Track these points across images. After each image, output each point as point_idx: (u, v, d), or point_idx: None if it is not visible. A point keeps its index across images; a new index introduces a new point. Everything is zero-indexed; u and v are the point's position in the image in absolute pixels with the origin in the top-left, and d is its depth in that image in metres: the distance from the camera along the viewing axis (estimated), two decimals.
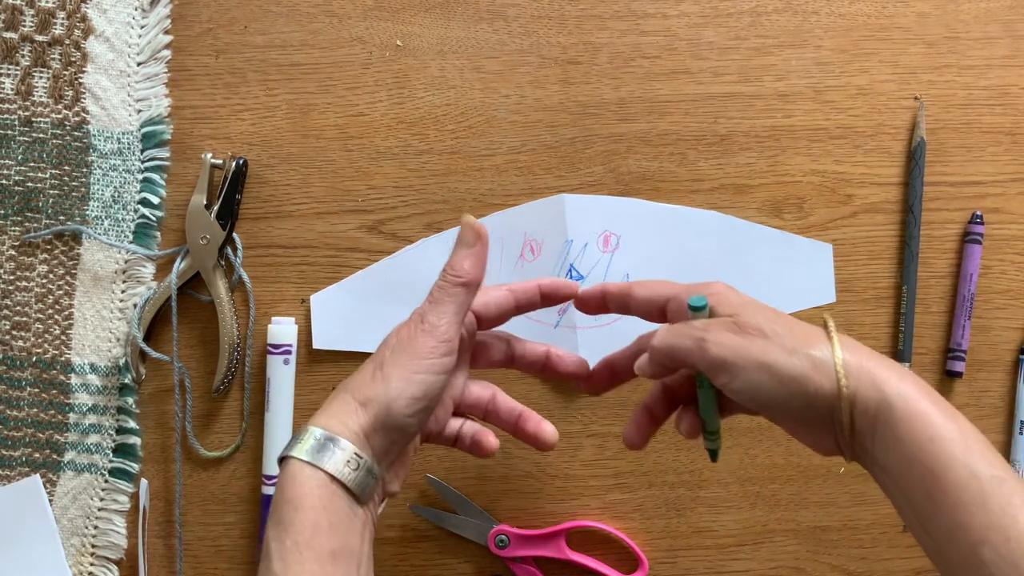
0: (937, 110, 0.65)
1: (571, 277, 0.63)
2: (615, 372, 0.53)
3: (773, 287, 0.64)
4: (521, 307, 0.52)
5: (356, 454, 0.45)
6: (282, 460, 0.46)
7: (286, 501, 0.44)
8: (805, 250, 0.64)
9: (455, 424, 0.52)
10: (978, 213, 0.64)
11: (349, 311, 0.63)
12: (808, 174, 0.65)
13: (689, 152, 0.64)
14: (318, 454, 0.44)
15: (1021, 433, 0.64)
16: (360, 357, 0.64)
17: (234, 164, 0.62)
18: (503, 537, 0.63)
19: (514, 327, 0.63)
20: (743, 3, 0.65)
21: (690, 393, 0.50)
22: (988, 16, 0.65)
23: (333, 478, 0.44)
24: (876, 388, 0.42)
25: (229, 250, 0.63)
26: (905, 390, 0.42)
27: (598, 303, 0.51)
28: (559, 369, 0.53)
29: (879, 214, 0.65)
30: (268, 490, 0.62)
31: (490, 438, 0.53)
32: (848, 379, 0.42)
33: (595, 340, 0.63)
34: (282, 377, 0.62)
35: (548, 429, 0.52)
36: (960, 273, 0.64)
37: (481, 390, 0.53)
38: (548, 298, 0.52)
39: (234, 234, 0.63)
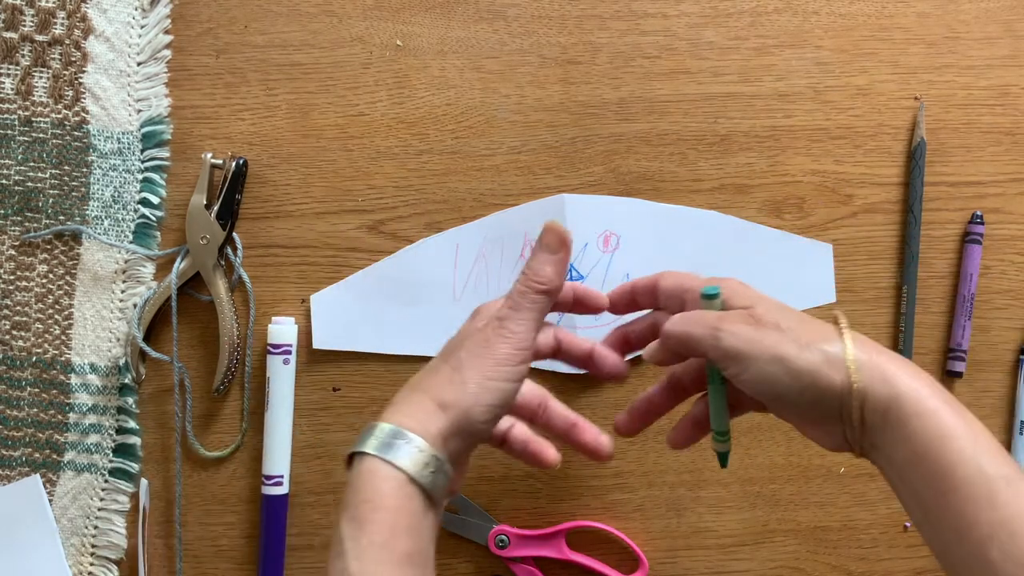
0: (937, 110, 0.65)
1: (571, 277, 0.63)
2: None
3: (773, 287, 0.63)
4: (557, 306, 0.51)
5: (435, 456, 0.44)
6: (355, 455, 0.44)
7: (364, 500, 0.42)
8: (805, 250, 0.64)
9: (504, 424, 0.52)
10: (978, 213, 0.64)
11: (349, 311, 0.63)
12: (808, 174, 0.65)
13: (689, 152, 0.64)
14: (397, 453, 0.43)
15: (1021, 433, 0.64)
16: (360, 357, 0.64)
17: (234, 164, 0.62)
18: (503, 537, 0.63)
19: None
20: (743, 3, 0.65)
21: (696, 388, 0.50)
22: (988, 16, 0.65)
23: (412, 479, 0.43)
24: (887, 384, 0.42)
25: (229, 250, 0.63)
26: (916, 387, 0.42)
27: (627, 302, 0.51)
28: (601, 369, 0.52)
29: (879, 214, 0.65)
30: (268, 490, 0.62)
31: (551, 451, 0.52)
32: (860, 374, 0.42)
33: (596, 339, 0.63)
34: (282, 377, 0.62)
35: (606, 441, 0.52)
36: (960, 273, 0.64)
37: (532, 393, 0.53)
38: (579, 303, 0.52)
39: (234, 234, 0.63)
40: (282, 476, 0.62)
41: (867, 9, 0.65)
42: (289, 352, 0.62)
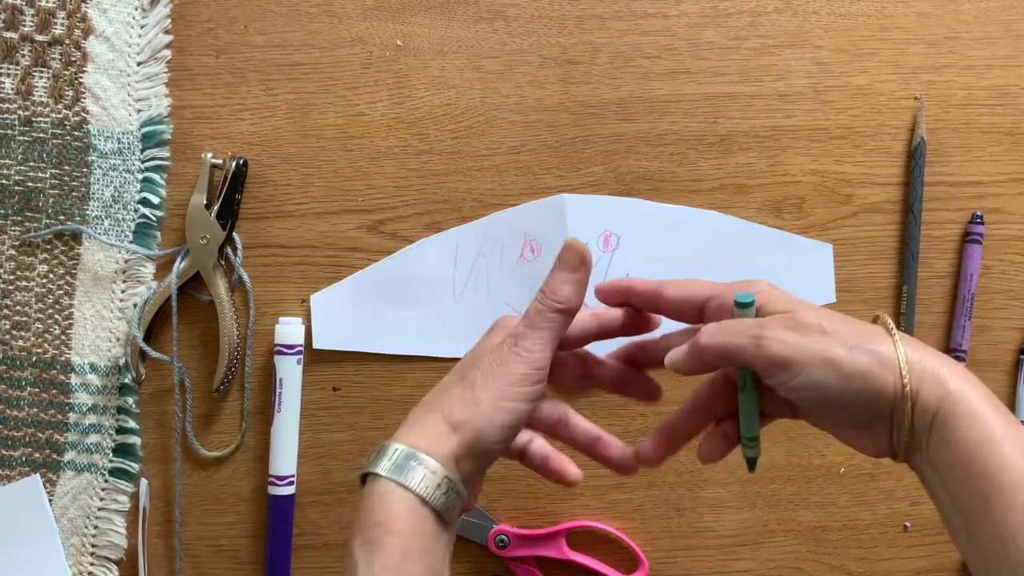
0: (937, 110, 0.65)
1: None
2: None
3: None
4: (606, 332, 0.50)
5: (447, 477, 0.43)
6: (367, 476, 0.44)
7: (377, 524, 0.42)
8: (805, 250, 0.64)
9: (523, 438, 0.51)
10: (978, 213, 0.64)
11: (349, 311, 0.63)
12: (808, 174, 0.65)
13: (689, 152, 0.64)
14: (409, 475, 0.43)
15: None
16: (360, 357, 0.64)
17: (234, 164, 0.62)
18: (503, 537, 0.63)
19: None
20: (743, 3, 0.65)
21: (724, 408, 0.49)
22: (988, 16, 0.65)
23: (424, 501, 0.42)
24: (939, 385, 0.41)
25: (229, 250, 0.63)
26: (965, 389, 0.41)
27: (620, 298, 0.50)
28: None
29: (879, 214, 0.65)
30: (276, 490, 0.62)
31: (572, 468, 0.51)
32: (911, 375, 0.41)
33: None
34: (293, 377, 0.62)
35: (631, 454, 0.51)
36: (960, 273, 0.64)
37: (553, 407, 0.52)
38: (630, 325, 0.50)
39: (234, 234, 0.63)
40: (292, 476, 0.62)
41: (867, 9, 0.65)
42: (300, 352, 0.62)
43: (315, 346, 0.63)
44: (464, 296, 0.64)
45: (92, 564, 0.63)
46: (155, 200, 0.63)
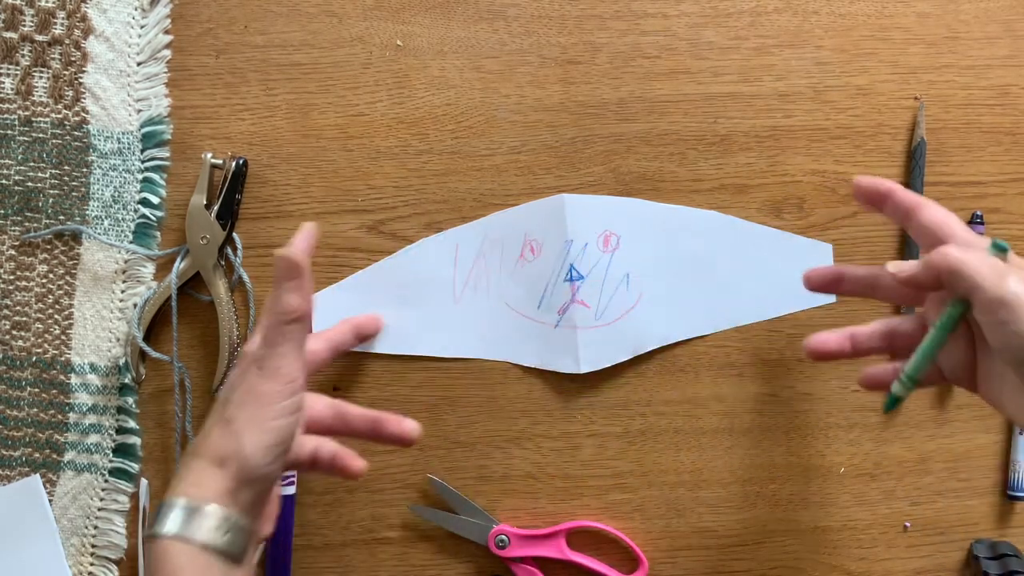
0: (937, 110, 0.65)
1: (571, 277, 0.63)
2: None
3: (773, 287, 0.64)
4: (336, 351, 0.55)
5: (224, 517, 0.44)
6: (148, 539, 0.44)
7: None
8: (805, 250, 0.64)
9: (308, 447, 0.52)
10: (978, 213, 0.64)
11: (349, 311, 0.63)
12: (808, 174, 0.65)
13: (689, 152, 0.64)
14: (186, 526, 0.43)
15: (1021, 433, 0.64)
16: (360, 357, 0.64)
17: (234, 164, 0.62)
18: (503, 537, 0.63)
19: (514, 327, 0.63)
20: (743, 3, 0.65)
21: (905, 343, 0.51)
22: (988, 16, 0.65)
23: (205, 547, 0.43)
24: None
25: (229, 250, 0.63)
26: None
27: (877, 199, 0.52)
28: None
29: (879, 214, 0.65)
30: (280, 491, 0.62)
31: (356, 461, 0.52)
32: None
33: (595, 339, 0.63)
34: None
35: (410, 425, 0.52)
36: None
37: (325, 408, 0.53)
38: (358, 334, 0.59)
39: (234, 234, 0.63)
40: (293, 476, 0.62)
41: (867, 9, 0.65)
42: None
43: None
44: (464, 296, 0.64)
45: (92, 564, 0.63)
46: (155, 200, 0.63)
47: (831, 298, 0.64)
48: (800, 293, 0.64)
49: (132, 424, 0.63)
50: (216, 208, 0.62)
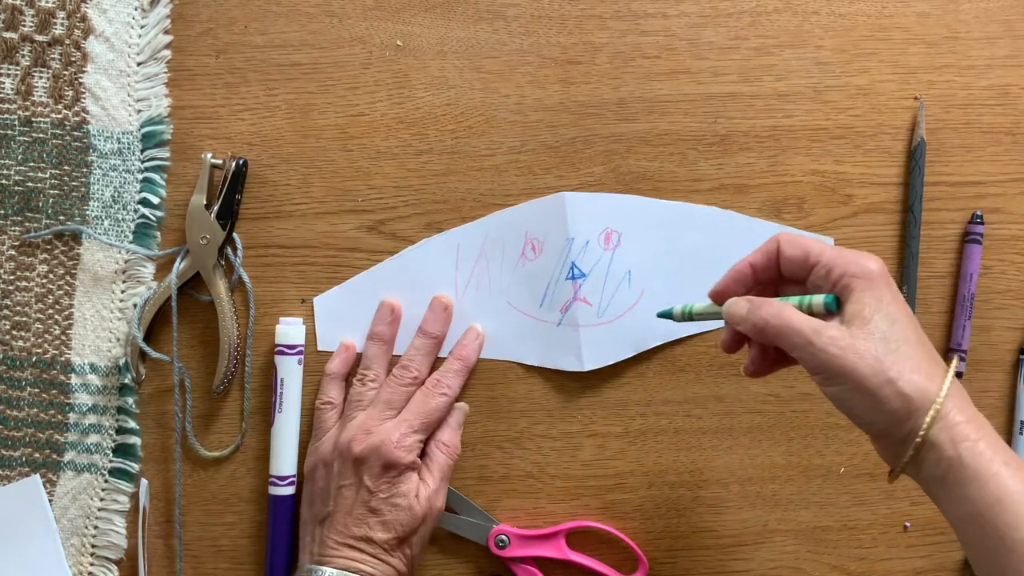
0: (937, 110, 0.65)
1: (573, 275, 0.63)
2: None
3: None
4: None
5: None
6: None
7: None
8: None
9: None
10: (978, 213, 0.64)
11: (352, 312, 0.63)
12: (808, 174, 0.65)
13: (689, 152, 0.64)
14: None
15: (1021, 433, 0.64)
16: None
17: (234, 164, 0.62)
18: (503, 537, 0.63)
19: (516, 326, 0.63)
20: (743, 3, 0.65)
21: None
22: (988, 16, 0.65)
23: None
24: (953, 445, 0.43)
25: (229, 250, 0.63)
26: (981, 450, 0.42)
27: (750, 283, 0.52)
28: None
29: (879, 214, 0.65)
30: (276, 490, 0.62)
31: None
32: (933, 428, 0.43)
33: (598, 337, 0.63)
34: (295, 377, 0.62)
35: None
36: (960, 273, 0.64)
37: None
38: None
39: (234, 234, 0.63)
40: (293, 476, 0.62)
41: (867, 9, 0.65)
42: (302, 352, 0.62)
43: (319, 348, 0.63)
44: (466, 296, 0.64)
45: (92, 564, 0.63)
46: (155, 200, 0.63)
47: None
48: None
49: (132, 424, 0.63)
50: (216, 208, 0.62)
